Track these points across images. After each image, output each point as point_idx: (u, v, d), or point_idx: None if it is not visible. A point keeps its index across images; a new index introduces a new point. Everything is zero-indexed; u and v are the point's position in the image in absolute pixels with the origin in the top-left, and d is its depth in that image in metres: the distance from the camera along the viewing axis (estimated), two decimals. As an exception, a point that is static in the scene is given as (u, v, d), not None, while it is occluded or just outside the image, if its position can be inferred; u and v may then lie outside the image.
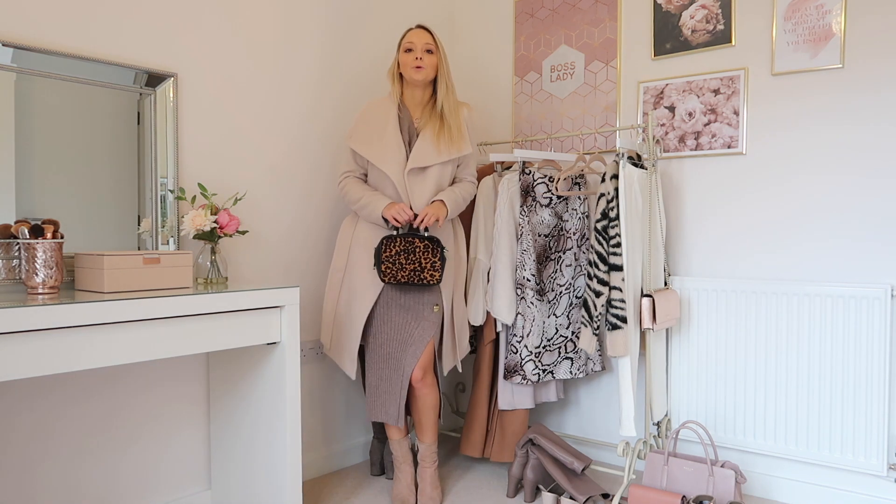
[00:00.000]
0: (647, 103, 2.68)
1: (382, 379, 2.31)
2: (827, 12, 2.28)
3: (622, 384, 2.31)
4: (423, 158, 2.29)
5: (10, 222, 1.79)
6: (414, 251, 2.21)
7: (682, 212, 2.62)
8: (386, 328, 2.30)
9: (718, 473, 2.17)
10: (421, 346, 2.26)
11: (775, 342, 2.35)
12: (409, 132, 2.34)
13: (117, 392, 2.05)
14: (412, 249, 2.21)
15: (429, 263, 2.20)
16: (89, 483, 1.99)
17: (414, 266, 2.21)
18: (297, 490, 1.99)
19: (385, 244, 2.23)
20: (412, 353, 2.26)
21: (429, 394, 2.32)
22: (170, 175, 2.13)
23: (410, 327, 2.28)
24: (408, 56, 2.31)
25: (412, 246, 2.21)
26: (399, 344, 2.29)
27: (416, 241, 2.21)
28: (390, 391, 2.29)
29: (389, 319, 2.30)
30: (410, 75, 2.31)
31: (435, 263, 2.20)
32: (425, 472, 2.38)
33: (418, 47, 2.30)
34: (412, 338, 2.27)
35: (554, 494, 2.28)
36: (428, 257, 2.20)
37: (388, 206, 2.23)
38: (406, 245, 2.21)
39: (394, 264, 2.22)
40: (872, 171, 2.23)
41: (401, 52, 2.34)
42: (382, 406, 2.31)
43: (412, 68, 2.30)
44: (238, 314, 1.86)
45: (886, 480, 2.21)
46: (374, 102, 2.40)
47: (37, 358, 1.48)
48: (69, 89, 1.91)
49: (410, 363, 2.25)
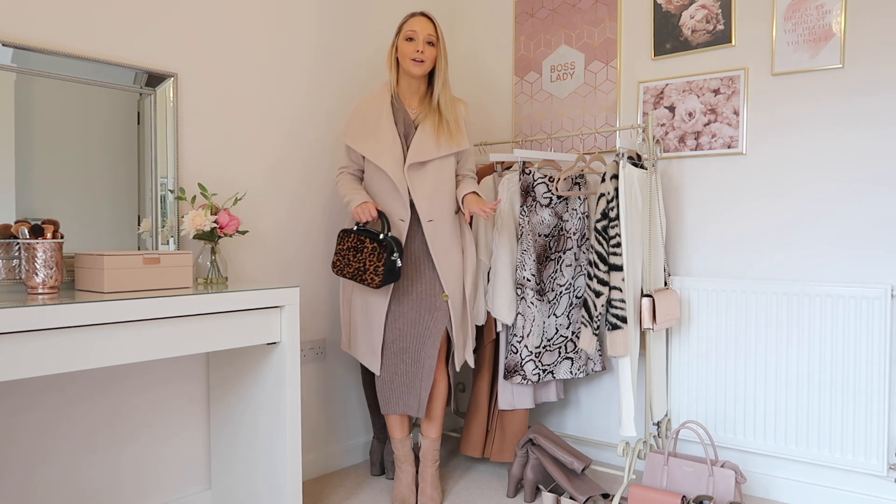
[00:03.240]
0: (647, 103, 2.68)
1: (397, 373, 2.31)
2: (827, 12, 2.28)
3: (622, 384, 2.31)
4: (422, 153, 2.27)
5: (10, 222, 1.79)
6: (362, 251, 2.19)
7: (682, 212, 2.62)
8: (398, 324, 2.29)
9: (718, 473, 2.17)
10: (438, 337, 2.26)
11: (775, 342, 2.35)
12: (404, 124, 2.31)
13: (117, 392, 2.05)
14: (360, 248, 2.19)
15: (372, 266, 2.16)
16: (89, 482, 1.99)
17: (358, 265, 2.19)
18: (297, 490, 1.99)
19: (340, 237, 2.24)
20: (431, 344, 2.26)
21: (441, 378, 2.33)
22: (170, 175, 2.13)
23: (425, 321, 2.28)
24: (408, 46, 2.25)
25: (361, 245, 2.19)
26: (415, 338, 2.29)
27: (367, 242, 2.18)
28: (409, 384, 2.29)
29: (402, 315, 2.29)
30: (408, 67, 2.26)
31: (378, 268, 2.15)
32: (426, 472, 2.38)
33: (420, 38, 2.24)
34: (428, 330, 2.27)
35: (554, 494, 2.28)
36: (373, 260, 2.16)
37: (358, 205, 2.23)
38: (357, 242, 2.20)
39: (342, 258, 2.23)
40: (872, 170, 2.23)
41: (401, 39, 2.27)
42: (399, 399, 2.30)
43: (411, 60, 2.24)
44: (238, 314, 1.86)
45: (886, 480, 2.21)
46: (367, 98, 2.37)
47: (37, 358, 1.48)
48: (69, 89, 1.91)
49: (431, 355, 2.25)
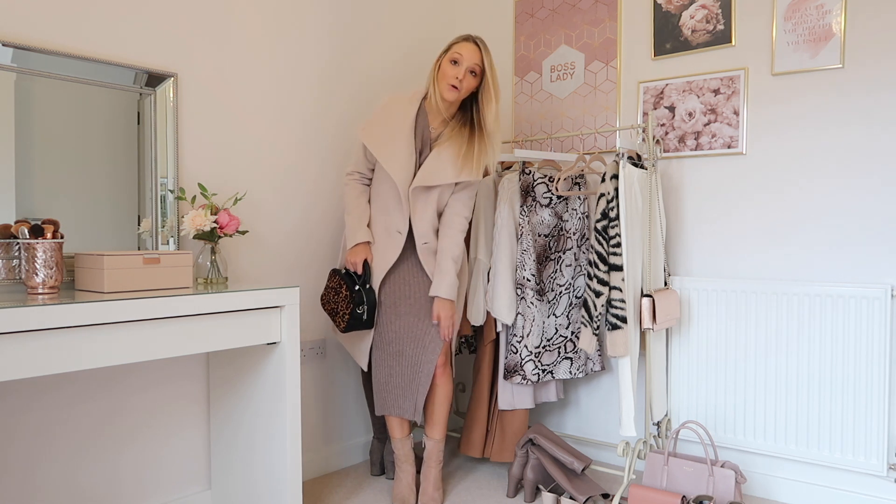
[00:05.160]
0: (647, 103, 2.68)
1: (393, 375, 2.31)
2: (827, 12, 2.28)
3: (622, 384, 2.31)
4: (430, 178, 2.23)
5: (10, 222, 1.79)
6: (338, 293, 2.28)
7: (682, 212, 2.62)
8: (394, 326, 2.30)
9: (718, 473, 2.17)
10: (439, 342, 2.27)
11: (775, 342, 2.35)
12: (422, 139, 2.28)
13: (117, 392, 2.05)
14: (338, 291, 2.28)
15: (342, 311, 2.26)
16: (89, 483, 1.99)
17: (334, 306, 2.29)
18: (297, 490, 1.99)
19: (329, 275, 2.34)
20: (432, 349, 2.26)
21: (445, 383, 2.34)
22: (170, 175, 2.13)
23: (424, 325, 2.28)
24: (450, 69, 2.19)
25: (339, 288, 2.27)
26: (413, 341, 2.29)
27: (343, 288, 2.26)
28: (404, 386, 2.29)
29: (399, 317, 2.29)
30: (443, 90, 2.20)
31: (345, 315, 2.24)
32: (429, 472, 2.37)
33: (463, 65, 2.18)
34: (428, 336, 2.27)
35: (554, 494, 2.28)
36: (344, 307, 2.25)
37: (354, 250, 2.29)
38: (337, 285, 2.29)
39: (326, 294, 2.33)
40: (872, 170, 2.23)
41: (446, 59, 2.21)
42: (395, 401, 2.31)
43: (448, 85, 2.20)
44: (238, 314, 1.86)
45: (886, 480, 2.21)
46: (395, 99, 2.32)
47: (37, 358, 1.48)
48: (69, 89, 1.91)
49: (431, 359, 2.26)
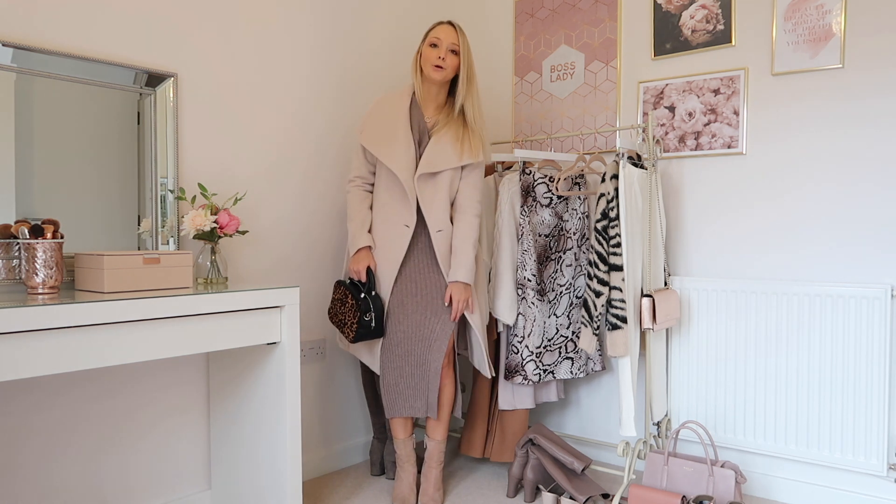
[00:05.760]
0: (647, 103, 2.68)
1: (402, 375, 2.31)
2: (827, 12, 2.28)
3: (622, 384, 2.31)
4: (434, 164, 2.26)
5: (10, 222, 1.79)
6: (344, 304, 2.27)
7: (682, 212, 2.62)
8: (402, 326, 2.30)
9: (718, 473, 2.17)
10: (445, 340, 2.27)
11: (775, 342, 2.35)
12: (419, 131, 2.32)
13: (116, 392, 2.05)
14: (344, 301, 2.27)
15: (349, 321, 2.25)
16: (89, 483, 1.99)
17: (342, 317, 2.28)
18: (297, 490, 1.99)
19: (334, 287, 2.33)
20: (437, 348, 2.27)
21: (448, 384, 2.34)
22: (170, 175, 2.13)
23: (431, 323, 2.28)
24: (431, 52, 2.27)
25: (345, 298, 2.27)
26: (420, 341, 2.29)
27: (349, 298, 2.25)
28: (415, 387, 2.30)
29: (406, 317, 2.30)
30: (429, 73, 2.28)
31: (353, 325, 2.23)
32: (430, 473, 2.37)
33: (443, 45, 2.26)
34: (434, 334, 2.28)
35: (554, 494, 2.28)
36: (350, 316, 2.24)
37: (356, 257, 2.29)
38: (342, 296, 2.28)
39: (333, 307, 2.32)
40: (873, 170, 2.23)
41: (425, 45, 2.29)
42: (405, 401, 2.31)
43: (432, 66, 2.26)
44: (238, 314, 1.86)
45: (886, 480, 2.21)
46: (385, 98, 2.38)
47: (36, 358, 1.48)
48: (69, 89, 1.91)
49: (437, 358, 2.26)
